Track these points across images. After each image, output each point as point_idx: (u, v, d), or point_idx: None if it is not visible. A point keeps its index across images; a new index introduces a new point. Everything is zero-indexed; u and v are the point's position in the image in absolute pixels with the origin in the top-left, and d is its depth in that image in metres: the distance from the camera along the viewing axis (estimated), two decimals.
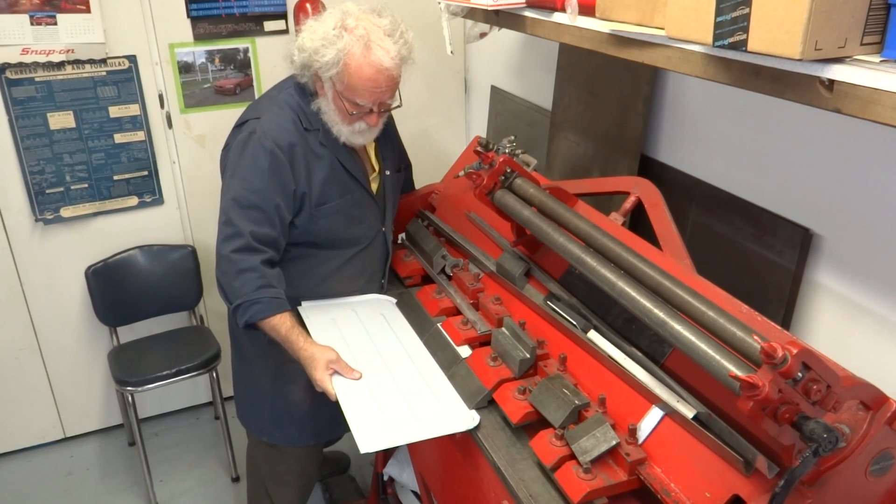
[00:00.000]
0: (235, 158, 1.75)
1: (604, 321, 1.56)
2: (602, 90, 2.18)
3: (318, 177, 1.77)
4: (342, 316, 1.87)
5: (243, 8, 2.73)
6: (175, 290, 2.89)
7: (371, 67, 1.64)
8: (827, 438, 0.98)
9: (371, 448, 1.42)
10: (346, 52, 1.63)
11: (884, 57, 0.93)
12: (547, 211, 1.69)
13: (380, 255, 1.98)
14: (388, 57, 1.65)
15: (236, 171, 1.74)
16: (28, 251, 2.72)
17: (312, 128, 1.77)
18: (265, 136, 1.71)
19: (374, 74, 1.65)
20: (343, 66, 1.65)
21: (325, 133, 1.77)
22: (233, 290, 1.71)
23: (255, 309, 1.69)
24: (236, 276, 1.69)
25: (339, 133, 1.77)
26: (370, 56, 1.64)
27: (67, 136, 2.64)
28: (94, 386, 3.02)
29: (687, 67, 1.21)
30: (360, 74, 1.65)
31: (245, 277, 1.69)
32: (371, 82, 1.66)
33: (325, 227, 1.82)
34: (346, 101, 1.70)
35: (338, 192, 1.81)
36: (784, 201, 1.66)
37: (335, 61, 1.64)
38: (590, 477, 1.27)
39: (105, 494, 2.80)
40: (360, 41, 1.64)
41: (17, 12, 2.41)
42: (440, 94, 3.19)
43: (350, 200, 1.85)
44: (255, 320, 1.70)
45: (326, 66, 1.65)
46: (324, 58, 1.64)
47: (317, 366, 1.65)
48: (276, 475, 2.13)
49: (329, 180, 1.79)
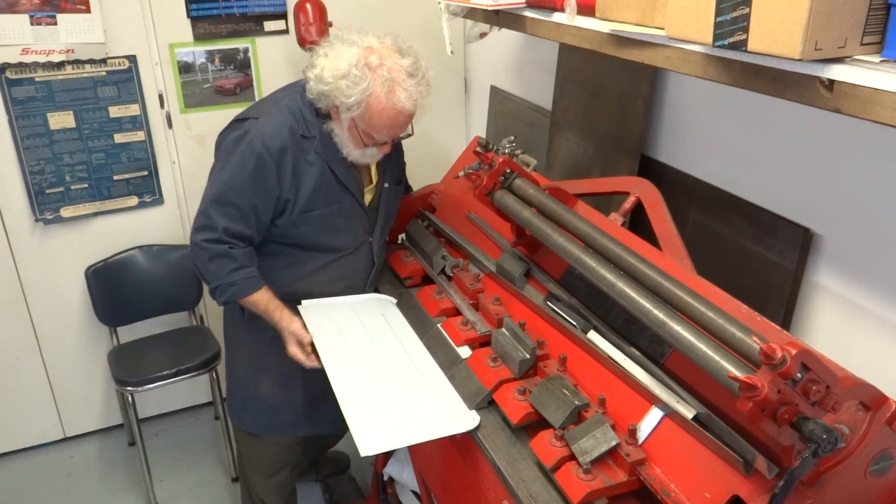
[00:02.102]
0: (225, 155, 1.79)
1: (604, 322, 1.56)
2: (602, 90, 2.18)
3: (306, 184, 1.79)
4: (342, 316, 1.87)
5: (243, 8, 2.73)
6: (175, 290, 2.89)
7: (392, 109, 1.67)
8: (826, 439, 0.98)
9: (371, 451, 1.42)
10: (369, 94, 1.65)
11: (884, 57, 0.93)
12: (547, 211, 1.69)
13: (363, 264, 1.99)
14: (411, 101, 1.67)
15: (224, 167, 1.78)
16: (28, 251, 2.72)
17: (309, 135, 1.78)
18: (257, 139, 1.73)
19: (394, 115, 1.68)
20: (366, 107, 1.66)
21: (321, 142, 1.78)
22: (209, 273, 1.79)
23: (232, 290, 1.78)
24: (209, 262, 1.77)
25: (348, 154, 1.80)
26: (393, 99, 1.66)
27: (67, 136, 2.64)
28: (94, 386, 3.02)
29: (687, 67, 1.21)
30: (381, 115, 1.68)
31: (217, 263, 1.77)
32: (390, 121, 1.69)
33: (305, 233, 1.85)
34: (362, 134, 1.73)
35: (324, 201, 1.83)
36: (784, 201, 1.66)
37: (358, 103, 1.65)
38: (590, 477, 1.27)
39: (105, 494, 2.80)
40: (384, 84, 1.64)
41: (17, 12, 2.41)
42: (440, 94, 3.16)
43: (336, 210, 1.86)
44: (233, 300, 1.81)
45: (347, 105, 1.67)
46: (348, 98, 1.65)
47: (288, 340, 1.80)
48: (251, 464, 2.19)
49: (317, 188, 1.80)
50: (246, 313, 1.94)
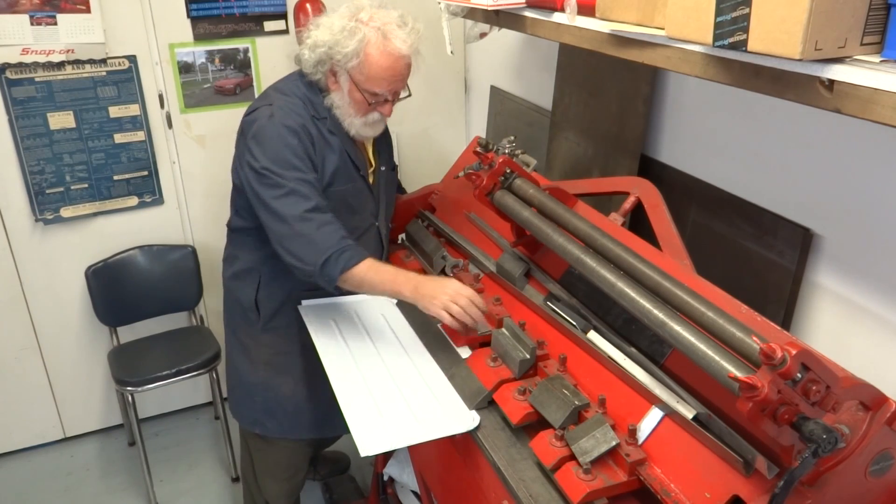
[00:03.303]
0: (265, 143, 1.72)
1: (604, 322, 1.56)
2: (602, 90, 2.18)
3: (329, 161, 1.81)
4: (342, 316, 1.87)
5: (243, 8, 2.73)
6: (175, 290, 2.89)
7: (390, 56, 1.71)
8: (826, 439, 0.98)
9: (372, 451, 1.42)
10: (365, 42, 1.70)
11: (884, 57, 0.93)
12: (546, 211, 1.69)
13: (374, 249, 1.98)
14: (406, 45, 1.72)
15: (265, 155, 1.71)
16: (28, 251, 2.72)
17: (320, 116, 1.81)
18: (284, 118, 1.74)
19: (393, 62, 1.71)
20: (364, 56, 1.70)
21: (332, 122, 1.81)
22: (316, 246, 1.66)
23: (346, 256, 1.66)
24: (317, 231, 1.66)
25: (350, 126, 1.81)
26: (388, 45, 1.70)
27: (67, 136, 2.64)
28: (94, 386, 3.02)
29: (687, 67, 1.21)
30: (379, 63, 1.71)
31: (326, 230, 1.67)
32: (390, 70, 1.72)
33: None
34: (364, 92, 1.74)
35: (344, 178, 1.85)
36: (784, 201, 1.66)
37: (356, 52, 1.70)
38: (590, 477, 1.27)
39: (105, 494, 2.80)
40: (377, 31, 1.70)
41: (17, 12, 2.41)
42: (440, 94, 3.19)
43: (352, 189, 1.88)
44: (350, 265, 1.66)
45: (347, 56, 1.71)
46: (345, 48, 1.70)
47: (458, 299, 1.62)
48: (264, 468, 2.15)
49: (339, 166, 1.83)
50: (262, 315, 1.92)
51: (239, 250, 1.96)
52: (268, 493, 2.17)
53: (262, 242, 1.86)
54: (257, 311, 1.94)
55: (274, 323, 1.92)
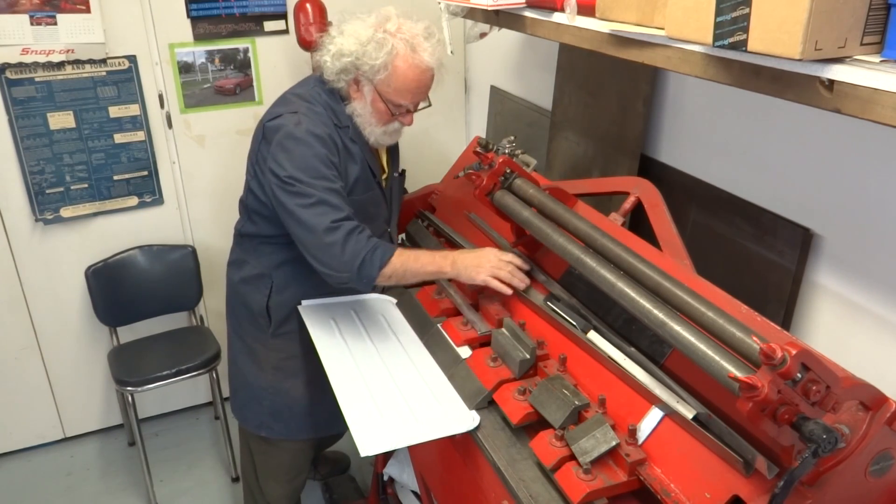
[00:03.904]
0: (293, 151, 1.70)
1: (604, 322, 1.56)
2: (602, 90, 2.18)
3: (351, 170, 1.81)
4: (342, 317, 1.87)
5: (243, 8, 2.73)
6: (175, 290, 2.89)
7: (417, 69, 1.71)
8: (826, 439, 0.98)
9: (372, 451, 1.42)
10: (394, 55, 1.69)
11: (884, 57, 0.93)
12: (546, 211, 1.69)
13: None
14: (434, 58, 1.74)
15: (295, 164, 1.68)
16: (28, 251, 2.72)
17: (342, 125, 1.80)
18: (311, 127, 1.72)
19: (419, 75, 1.72)
20: (392, 69, 1.70)
21: (354, 130, 1.81)
22: (348, 253, 1.64)
23: (380, 253, 1.66)
24: (346, 238, 1.65)
25: (370, 134, 1.81)
26: (416, 58, 1.71)
27: (67, 136, 2.64)
28: (94, 386, 3.02)
29: (687, 67, 1.21)
30: (407, 76, 1.71)
31: (355, 237, 1.66)
32: (416, 83, 1.73)
33: None
34: (388, 103, 1.75)
35: (364, 187, 1.85)
36: (784, 201, 1.66)
37: (385, 64, 1.70)
38: (590, 477, 1.27)
39: (105, 494, 2.80)
40: (405, 44, 1.70)
41: (17, 12, 2.41)
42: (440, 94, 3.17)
43: (371, 197, 1.88)
44: (386, 260, 1.65)
45: (375, 69, 1.70)
46: (374, 60, 1.69)
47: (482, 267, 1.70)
48: (267, 470, 2.15)
49: (360, 175, 1.83)
50: (273, 320, 1.91)
51: (249, 255, 1.94)
52: (270, 495, 2.17)
53: (275, 249, 1.86)
54: (268, 317, 1.92)
55: (284, 328, 1.92)
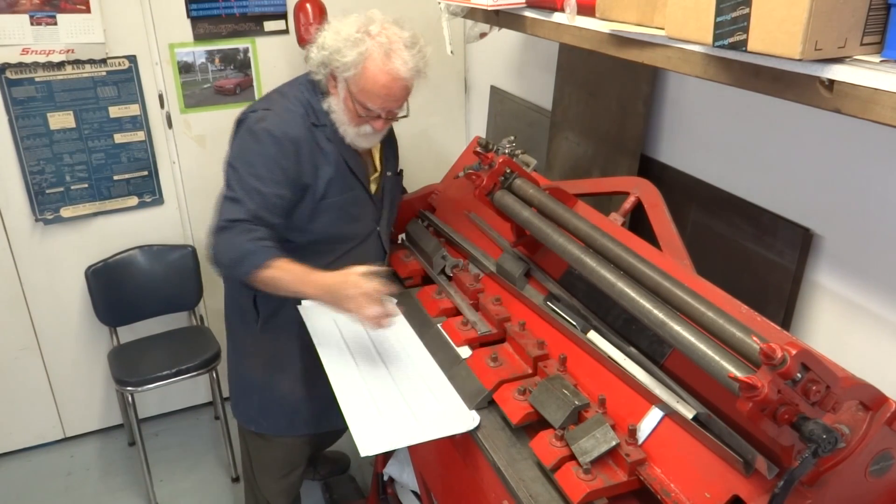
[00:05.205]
0: (243, 143, 1.78)
1: (603, 322, 1.56)
2: (602, 90, 2.18)
3: (323, 171, 1.80)
4: (342, 316, 1.86)
5: (243, 8, 2.73)
6: (175, 290, 2.89)
7: (387, 75, 1.69)
8: (826, 439, 0.98)
9: (372, 451, 1.42)
10: (366, 56, 1.69)
11: (884, 57, 0.93)
12: (546, 211, 1.69)
13: (375, 254, 1.99)
14: (406, 67, 1.70)
15: (242, 156, 1.76)
16: (28, 251, 2.72)
17: (320, 123, 1.80)
18: (274, 126, 1.74)
19: (389, 82, 1.70)
20: (361, 70, 1.69)
21: (332, 130, 1.81)
22: (227, 247, 1.70)
23: (252, 258, 1.68)
24: (233, 237, 1.69)
25: (344, 133, 1.81)
26: (389, 64, 1.69)
27: (67, 136, 2.64)
28: (94, 386, 3.02)
29: (687, 67, 1.21)
30: (375, 80, 1.69)
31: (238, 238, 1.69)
32: (385, 89, 1.71)
33: (325, 222, 1.85)
34: (357, 104, 1.74)
35: (340, 188, 1.84)
36: (784, 201, 1.66)
37: (355, 63, 1.69)
38: (590, 477, 1.27)
39: (105, 494, 2.80)
40: (381, 48, 1.69)
41: (17, 12, 2.41)
42: (440, 94, 3.19)
43: (351, 198, 1.87)
44: (257, 265, 1.67)
45: (345, 66, 1.70)
46: (344, 58, 1.69)
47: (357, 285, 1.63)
48: (261, 465, 2.17)
49: (333, 176, 1.82)
50: (261, 314, 1.93)
51: None
52: (266, 491, 2.19)
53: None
54: (256, 312, 1.94)
55: (272, 323, 1.93)
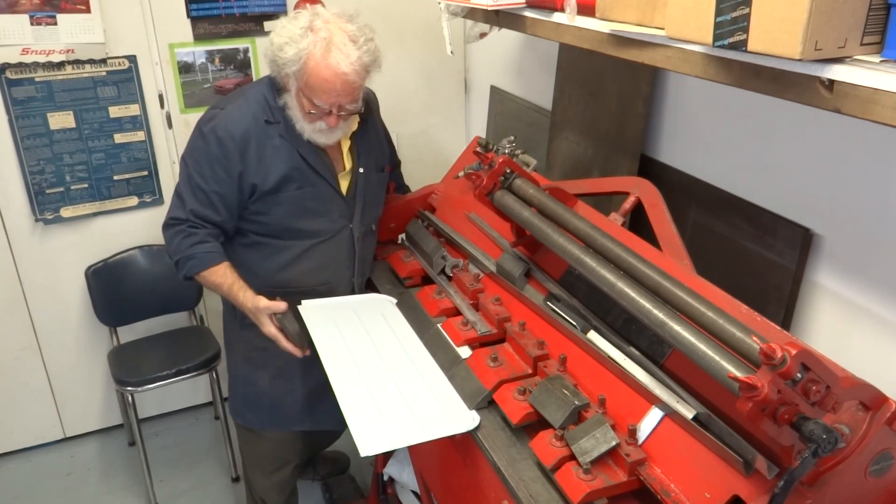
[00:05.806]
0: (193, 142, 1.85)
1: (603, 322, 1.56)
2: (602, 90, 2.18)
3: (274, 167, 1.83)
4: (342, 316, 1.87)
5: (243, 8, 2.73)
6: (175, 290, 2.88)
7: (328, 70, 1.70)
8: (826, 439, 0.97)
9: (372, 451, 1.42)
10: (306, 52, 1.70)
11: (884, 57, 0.93)
12: (546, 211, 1.69)
13: (345, 252, 1.99)
14: (347, 62, 1.70)
15: (190, 154, 1.85)
16: (28, 251, 2.72)
17: (273, 120, 1.83)
18: (220, 126, 1.79)
19: (330, 77, 1.71)
20: (302, 65, 1.71)
21: (286, 126, 1.83)
22: (172, 248, 1.86)
23: (191, 264, 1.83)
24: (173, 237, 1.84)
25: (301, 129, 1.82)
26: (328, 59, 1.70)
27: (67, 136, 2.64)
28: (94, 386, 3.02)
29: (687, 67, 1.21)
30: (317, 75, 1.71)
31: (180, 238, 1.84)
32: (327, 84, 1.71)
33: (278, 215, 1.88)
34: (305, 99, 1.76)
35: (296, 183, 1.86)
36: (784, 201, 1.66)
37: (295, 59, 1.71)
38: (590, 477, 1.27)
39: (105, 494, 2.80)
40: (321, 43, 1.70)
41: (17, 12, 2.41)
42: (440, 94, 3.19)
43: (309, 193, 1.88)
44: (192, 273, 1.84)
45: (287, 62, 1.72)
46: (286, 54, 1.72)
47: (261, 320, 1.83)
48: (252, 461, 2.21)
49: (286, 172, 1.84)
50: (238, 311, 1.94)
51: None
52: (258, 488, 2.21)
53: (231, 240, 1.92)
54: (234, 308, 1.96)
55: (250, 319, 1.92)
